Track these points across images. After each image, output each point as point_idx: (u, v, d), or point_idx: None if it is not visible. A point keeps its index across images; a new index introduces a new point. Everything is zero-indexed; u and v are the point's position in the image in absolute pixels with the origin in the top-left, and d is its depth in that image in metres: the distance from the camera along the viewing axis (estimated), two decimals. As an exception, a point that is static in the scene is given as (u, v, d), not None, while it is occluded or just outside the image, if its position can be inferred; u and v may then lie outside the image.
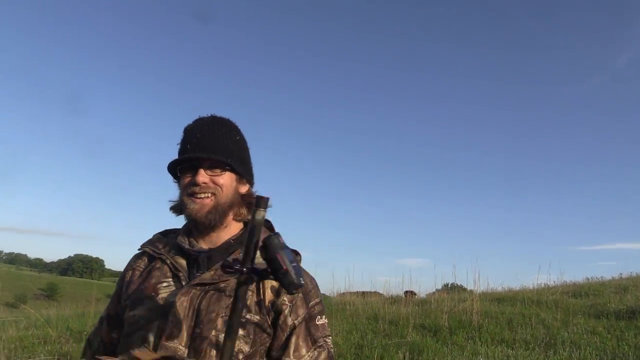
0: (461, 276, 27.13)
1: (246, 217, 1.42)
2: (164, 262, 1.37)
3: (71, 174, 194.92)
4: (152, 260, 1.40)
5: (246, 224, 1.42)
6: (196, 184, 1.32)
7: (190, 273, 1.33)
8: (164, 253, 1.38)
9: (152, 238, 1.47)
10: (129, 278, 1.42)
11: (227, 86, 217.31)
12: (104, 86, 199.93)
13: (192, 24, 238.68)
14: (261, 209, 1.04)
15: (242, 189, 1.42)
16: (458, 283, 13.28)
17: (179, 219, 1.43)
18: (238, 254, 1.32)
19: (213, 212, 1.33)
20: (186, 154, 1.36)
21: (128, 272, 1.44)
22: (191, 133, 1.38)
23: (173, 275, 1.34)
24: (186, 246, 1.37)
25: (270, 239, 1.07)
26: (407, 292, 12.29)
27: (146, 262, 1.42)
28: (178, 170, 1.38)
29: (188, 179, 1.34)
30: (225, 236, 1.38)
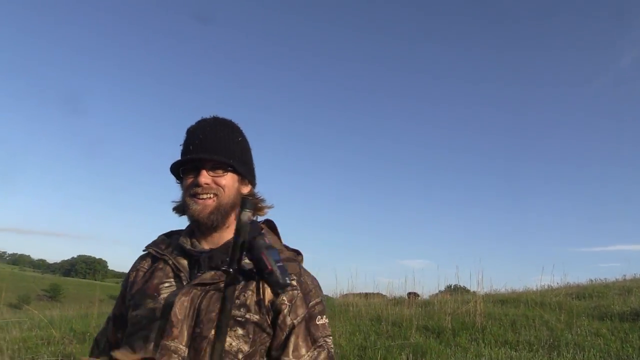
0: (464, 278, 27.12)
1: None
2: (167, 263, 1.38)
3: (71, 174, 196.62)
4: (156, 261, 1.41)
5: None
6: (198, 185, 1.32)
7: (191, 273, 1.34)
8: (167, 254, 1.39)
9: (157, 239, 1.48)
10: (133, 279, 1.44)
11: (227, 86, 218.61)
12: (104, 86, 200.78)
13: (192, 24, 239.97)
14: (246, 210, 1.08)
15: (244, 190, 1.42)
16: (461, 284, 13.27)
17: (182, 219, 1.44)
18: None
19: (215, 213, 1.33)
20: (189, 155, 1.36)
21: (132, 273, 1.45)
22: (194, 134, 1.39)
23: (175, 275, 1.35)
24: (188, 247, 1.37)
25: (255, 240, 1.08)
26: (410, 294, 12.29)
27: (150, 263, 1.43)
28: (181, 171, 1.39)
29: (190, 180, 1.35)
30: (227, 236, 1.38)
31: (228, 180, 1.36)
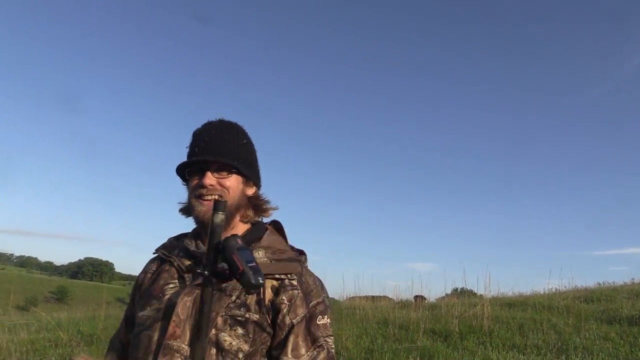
0: (471, 281, 26.98)
1: (253, 219, 1.46)
2: (172, 265, 1.40)
3: (70, 175, 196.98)
4: (163, 263, 1.44)
5: (253, 225, 1.46)
6: (203, 186, 1.35)
7: (194, 274, 1.35)
8: (173, 256, 1.41)
9: (166, 242, 1.52)
10: (142, 281, 1.48)
11: (226, 88, 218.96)
12: (102, 87, 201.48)
13: (190, 25, 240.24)
14: (219, 212, 1.14)
15: (249, 191, 1.44)
16: (468, 288, 13.20)
17: (188, 221, 1.45)
18: None
19: None
20: (194, 157, 1.39)
21: (141, 275, 1.49)
22: (199, 137, 1.42)
23: (179, 276, 1.37)
24: (192, 248, 1.40)
25: (226, 241, 1.13)
26: (417, 297, 12.25)
27: (158, 265, 1.47)
28: (186, 172, 1.41)
29: (196, 182, 1.37)
30: None
31: (233, 181, 1.38)
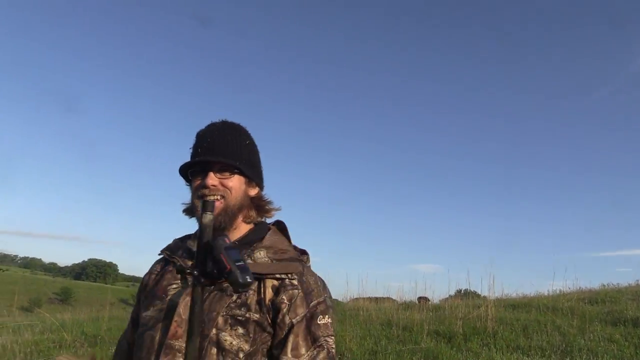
0: (475, 282, 26.92)
1: (255, 219, 1.46)
2: (175, 265, 1.40)
3: (72, 177, 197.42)
4: (167, 264, 1.45)
5: (256, 225, 1.46)
6: (206, 187, 1.35)
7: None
8: (176, 256, 1.42)
9: (171, 243, 1.52)
10: (146, 282, 1.49)
11: (226, 89, 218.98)
12: (102, 87, 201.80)
13: (190, 26, 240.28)
14: (208, 212, 1.19)
15: (252, 192, 1.45)
16: (472, 289, 13.14)
17: (192, 222, 1.45)
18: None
19: (222, 214, 1.35)
20: (197, 158, 1.40)
21: (146, 276, 1.51)
22: (202, 138, 1.43)
23: (182, 277, 1.37)
24: (194, 249, 1.39)
25: (214, 241, 1.15)
26: (421, 298, 12.22)
27: (162, 266, 1.48)
28: (189, 173, 1.42)
29: (198, 182, 1.38)
30: (234, 238, 1.40)
31: (235, 182, 1.38)
